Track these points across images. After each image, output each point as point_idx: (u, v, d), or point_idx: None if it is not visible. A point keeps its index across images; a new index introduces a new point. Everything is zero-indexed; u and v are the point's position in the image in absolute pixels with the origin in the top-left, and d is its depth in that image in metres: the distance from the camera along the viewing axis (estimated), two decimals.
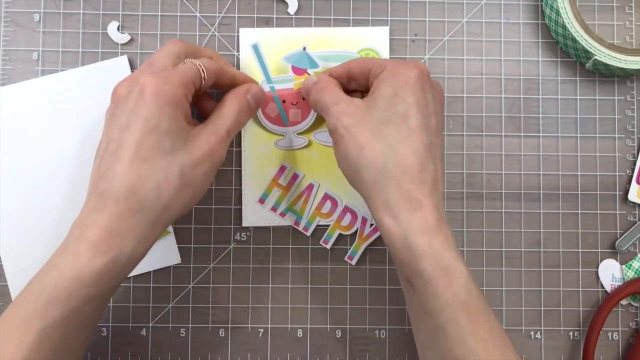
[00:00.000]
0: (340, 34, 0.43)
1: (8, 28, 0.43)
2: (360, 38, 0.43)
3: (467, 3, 0.44)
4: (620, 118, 0.44)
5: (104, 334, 0.42)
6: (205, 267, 0.43)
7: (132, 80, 0.34)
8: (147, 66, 0.35)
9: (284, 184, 0.43)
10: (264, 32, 0.43)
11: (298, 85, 0.42)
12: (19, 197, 0.42)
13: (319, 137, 0.43)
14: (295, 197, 0.43)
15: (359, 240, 0.43)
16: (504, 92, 0.44)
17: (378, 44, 0.43)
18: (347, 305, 0.43)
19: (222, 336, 0.43)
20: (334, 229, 0.43)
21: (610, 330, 0.43)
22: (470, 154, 0.44)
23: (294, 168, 0.43)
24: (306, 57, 0.43)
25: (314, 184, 0.43)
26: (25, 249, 0.42)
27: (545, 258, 0.43)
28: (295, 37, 0.43)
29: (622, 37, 0.45)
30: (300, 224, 0.43)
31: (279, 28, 0.44)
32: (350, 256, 0.43)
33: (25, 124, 0.42)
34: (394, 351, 0.43)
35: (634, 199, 0.43)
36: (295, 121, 0.43)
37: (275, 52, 0.43)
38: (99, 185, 0.33)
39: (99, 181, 0.33)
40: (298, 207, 0.43)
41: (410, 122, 0.34)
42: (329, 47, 0.43)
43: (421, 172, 0.33)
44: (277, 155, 0.43)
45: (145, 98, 0.32)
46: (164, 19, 0.44)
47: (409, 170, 0.33)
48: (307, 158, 0.43)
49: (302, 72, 0.43)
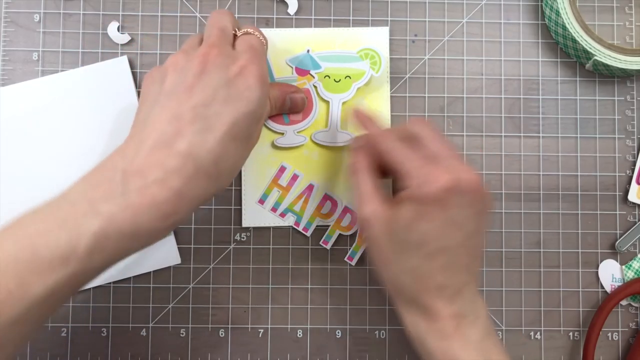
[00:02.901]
0: (340, 34, 0.43)
1: (8, 28, 0.43)
2: (360, 38, 0.43)
3: (467, 3, 0.44)
4: (620, 118, 0.44)
5: (104, 334, 0.42)
6: (206, 268, 0.43)
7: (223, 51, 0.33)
8: (221, 33, 0.35)
9: (284, 184, 0.43)
10: (266, 34, 0.43)
11: (300, 85, 0.43)
12: (19, 197, 0.42)
13: (318, 137, 0.43)
14: (295, 198, 0.43)
15: (358, 241, 0.43)
16: (504, 92, 0.44)
17: (378, 44, 0.43)
18: (347, 306, 0.43)
19: (222, 336, 0.43)
20: (334, 230, 0.43)
21: (610, 330, 0.43)
22: (470, 154, 0.44)
23: (294, 168, 0.43)
24: (309, 59, 0.43)
25: (314, 185, 0.43)
26: None
27: (545, 258, 0.43)
28: (295, 38, 0.43)
29: (622, 37, 0.45)
30: (300, 225, 0.43)
31: (280, 29, 0.44)
32: (350, 256, 0.43)
33: (25, 125, 0.42)
34: (394, 351, 0.43)
35: (634, 200, 0.43)
36: (295, 120, 0.43)
37: (276, 53, 0.43)
38: (178, 141, 0.31)
39: (177, 137, 0.31)
40: (298, 208, 0.43)
41: (427, 249, 0.33)
42: (329, 47, 0.43)
43: (439, 289, 0.33)
44: (277, 156, 0.43)
45: (249, 81, 0.33)
46: (164, 19, 0.44)
47: (425, 289, 0.34)
48: (307, 159, 0.43)
49: (305, 73, 0.43)
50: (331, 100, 0.43)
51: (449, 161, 0.34)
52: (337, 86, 0.43)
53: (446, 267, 0.33)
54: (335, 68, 0.43)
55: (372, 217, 0.34)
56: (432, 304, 0.33)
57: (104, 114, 0.42)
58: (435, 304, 0.33)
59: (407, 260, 0.34)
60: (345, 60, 0.43)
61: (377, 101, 0.43)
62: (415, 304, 0.34)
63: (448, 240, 0.33)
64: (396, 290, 0.35)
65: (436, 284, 0.33)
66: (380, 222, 0.34)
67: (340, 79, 0.43)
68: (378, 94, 0.43)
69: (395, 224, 0.34)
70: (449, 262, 0.33)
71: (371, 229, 0.34)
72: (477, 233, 0.35)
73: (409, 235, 0.33)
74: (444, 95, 0.44)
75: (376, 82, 0.43)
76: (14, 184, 0.42)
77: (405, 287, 0.34)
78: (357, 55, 0.43)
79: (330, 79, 0.43)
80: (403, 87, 0.44)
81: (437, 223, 0.33)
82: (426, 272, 0.33)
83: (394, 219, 0.34)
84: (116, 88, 0.43)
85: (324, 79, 0.43)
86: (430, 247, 0.33)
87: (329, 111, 0.43)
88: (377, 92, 0.43)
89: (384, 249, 0.34)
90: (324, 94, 0.43)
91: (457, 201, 0.33)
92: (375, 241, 0.35)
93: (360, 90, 0.43)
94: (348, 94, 0.43)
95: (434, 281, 0.33)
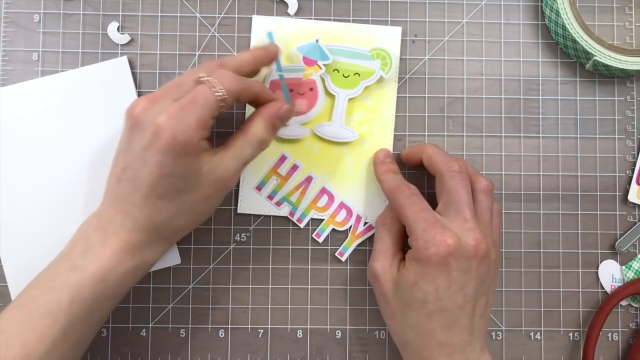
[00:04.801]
0: (352, 30, 0.43)
1: (8, 28, 0.43)
2: (372, 37, 0.43)
3: (467, 4, 0.44)
4: (620, 119, 0.44)
5: (104, 334, 0.42)
6: (205, 268, 0.43)
7: (151, 107, 0.34)
8: (174, 88, 0.35)
9: (283, 173, 0.43)
10: (277, 21, 0.43)
11: (307, 75, 0.42)
12: (19, 197, 0.42)
13: (320, 130, 0.43)
14: (292, 188, 0.43)
15: (351, 238, 0.43)
16: (503, 92, 0.44)
17: (389, 44, 0.43)
18: (346, 306, 0.43)
19: (222, 337, 0.43)
20: (328, 224, 0.43)
21: (610, 331, 0.43)
22: (470, 154, 0.44)
23: (295, 159, 0.43)
24: (318, 49, 0.43)
25: (312, 177, 0.43)
26: (25, 249, 0.42)
27: (545, 259, 0.43)
28: (307, 29, 0.43)
29: (622, 38, 0.45)
30: (295, 215, 0.43)
31: (292, 18, 0.44)
32: (340, 252, 0.43)
33: (25, 125, 0.42)
34: (394, 352, 0.43)
35: (633, 200, 0.43)
36: (300, 111, 0.43)
37: (285, 41, 0.43)
38: (118, 203, 0.35)
39: (117, 199, 0.35)
40: (294, 198, 0.43)
41: (429, 308, 0.35)
42: (340, 41, 0.43)
43: (439, 348, 0.35)
44: (278, 145, 0.43)
45: (160, 144, 0.32)
46: (164, 20, 0.44)
47: (428, 345, 0.36)
48: (308, 151, 0.43)
49: (312, 63, 0.43)
50: (337, 95, 0.43)
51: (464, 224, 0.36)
52: (345, 81, 0.43)
53: (446, 327, 0.35)
54: (345, 63, 0.43)
55: (381, 274, 0.38)
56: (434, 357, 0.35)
57: (103, 114, 0.42)
58: (436, 356, 0.35)
59: (411, 317, 0.36)
60: (356, 57, 0.43)
61: (382, 101, 0.43)
62: (418, 355, 0.36)
63: (447, 302, 0.35)
64: (401, 343, 0.38)
65: (437, 341, 0.35)
66: (388, 280, 0.37)
67: (349, 75, 0.43)
68: (384, 94, 0.43)
69: (400, 283, 0.36)
70: (448, 322, 0.35)
71: (379, 285, 0.38)
72: (481, 295, 0.36)
73: (411, 295, 0.36)
74: (444, 96, 0.44)
75: (384, 82, 0.43)
76: (14, 183, 0.42)
77: (410, 342, 0.36)
78: (369, 54, 0.43)
79: (339, 74, 0.43)
80: (403, 87, 0.44)
81: (437, 285, 0.35)
82: (428, 330, 0.35)
83: (399, 278, 0.37)
84: (116, 88, 0.43)
85: (333, 73, 0.43)
86: (430, 307, 0.35)
87: (334, 105, 0.43)
88: (384, 92, 0.43)
89: (391, 305, 0.37)
90: (332, 88, 0.42)
91: (458, 265, 0.35)
92: (382, 296, 0.38)
93: (367, 89, 0.43)
94: (355, 91, 0.43)
95: (435, 339, 0.35)
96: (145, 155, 0.33)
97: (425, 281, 0.35)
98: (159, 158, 0.33)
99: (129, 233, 0.34)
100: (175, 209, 0.34)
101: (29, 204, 0.42)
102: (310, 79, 0.42)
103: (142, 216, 0.34)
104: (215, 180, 0.35)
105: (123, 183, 0.34)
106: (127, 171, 0.34)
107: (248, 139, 0.36)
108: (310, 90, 0.42)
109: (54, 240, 0.42)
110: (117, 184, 0.35)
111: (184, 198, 0.34)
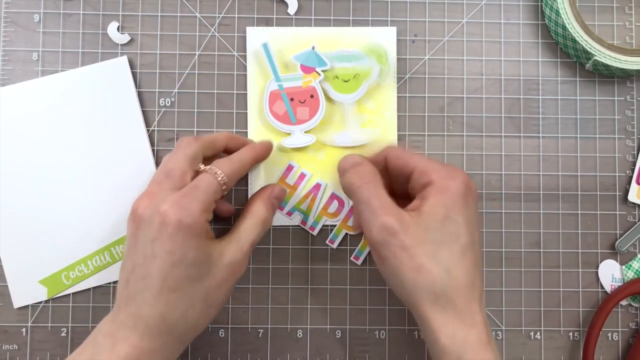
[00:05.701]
0: (347, 33, 0.43)
1: (8, 28, 0.43)
2: (367, 38, 0.43)
3: (467, 3, 0.44)
4: (620, 119, 0.44)
5: None
6: None
7: (152, 202, 0.34)
8: (164, 178, 0.35)
9: (291, 183, 0.43)
10: (271, 32, 0.43)
11: (306, 83, 0.42)
12: (18, 198, 0.42)
13: (339, 140, 0.43)
14: (302, 197, 0.43)
15: (365, 241, 0.43)
16: (503, 92, 0.44)
17: (385, 44, 0.43)
18: (347, 306, 0.43)
19: (222, 336, 0.43)
20: (340, 229, 0.43)
21: (610, 330, 0.43)
22: (470, 154, 0.44)
23: (302, 167, 0.43)
24: (315, 56, 0.43)
25: (321, 184, 0.43)
26: (25, 249, 0.42)
27: (545, 258, 0.43)
28: (301, 37, 0.43)
29: (622, 37, 0.45)
30: (307, 224, 0.43)
31: (285, 27, 0.44)
32: (356, 256, 0.43)
33: (25, 125, 0.42)
34: (394, 352, 0.43)
35: (633, 200, 0.43)
36: (302, 119, 0.43)
37: (281, 51, 0.43)
38: (129, 305, 0.34)
39: (128, 300, 0.34)
40: (305, 207, 0.43)
41: (462, 242, 0.33)
42: (335, 46, 0.43)
43: (472, 289, 0.33)
44: (284, 155, 0.43)
45: (168, 231, 0.33)
46: (164, 19, 0.44)
47: (462, 290, 0.33)
48: (314, 158, 0.43)
49: (310, 70, 0.43)
50: (343, 102, 0.43)
51: None
52: (346, 86, 0.43)
53: (475, 265, 0.34)
54: (342, 68, 0.43)
55: (398, 224, 0.33)
56: (469, 307, 0.33)
57: (104, 114, 0.42)
58: (471, 306, 0.33)
59: (442, 259, 0.33)
60: (352, 59, 0.43)
61: (383, 102, 0.43)
62: (452, 307, 0.33)
63: (473, 236, 0.34)
64: (428, 293, 0.33)
65: (469, 282, 0.33)
66: (409, 226, 0.33)
67: (349, 79, 0.43)
68: (385, 94, 0.43)
69: (427, 223, 0.33)
70: (475, 260, 0.34)
71: (400, 238, 0.33)
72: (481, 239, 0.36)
73: (444, 231, 0.33)
74: (444, 96, 0.44)
75: (384, 83, 0.43)
76: (14, 184, 0.42)
77: (440, 289, 0.33)
78: (362, 53, 0.43)
79: (339, 80, 0.43)
80: (403, 87, 0.44)
81: (464, 217, 0.34)
82: (461, 270, 0.33)
83: (425, 218, 0.33)
84: (116, 88, 0.43)
85: (333, 80, 0.43)
86: (462, 241, 0.33)
87: (343, 113, 0.43)
88: (384, 92, 0.43)
89: (417, 254, 0.33)
90: (335, 96, 0.43)
91: (472, 199, 0.35)
92: (404, 250, 0.33)
93: (368, 92, 0.43)
94: (358, 93, 0.43)
95: (467, 279, 0.33)
96: (154, 247, 0.33)
97: (455, 211, 0.33)
98: (169, 246, 0.33)
99: (140, 339, 0.33)
100: (189, 302, 0.34)
101: (29, 204, 0.42)
102: (310, 86, 0.42)
103: (154, 316, 0.33)
104: (226, 265, 0.35)
105: (133, 283, 0.34)
106: (136, 270, 0.34)
107: (253, 220, 0.37)
108: (311, 98, 0.42)
109: (54, 240, 0.42)
110: (126, 286, 0.34)
111: (197, 287, 0.34)
